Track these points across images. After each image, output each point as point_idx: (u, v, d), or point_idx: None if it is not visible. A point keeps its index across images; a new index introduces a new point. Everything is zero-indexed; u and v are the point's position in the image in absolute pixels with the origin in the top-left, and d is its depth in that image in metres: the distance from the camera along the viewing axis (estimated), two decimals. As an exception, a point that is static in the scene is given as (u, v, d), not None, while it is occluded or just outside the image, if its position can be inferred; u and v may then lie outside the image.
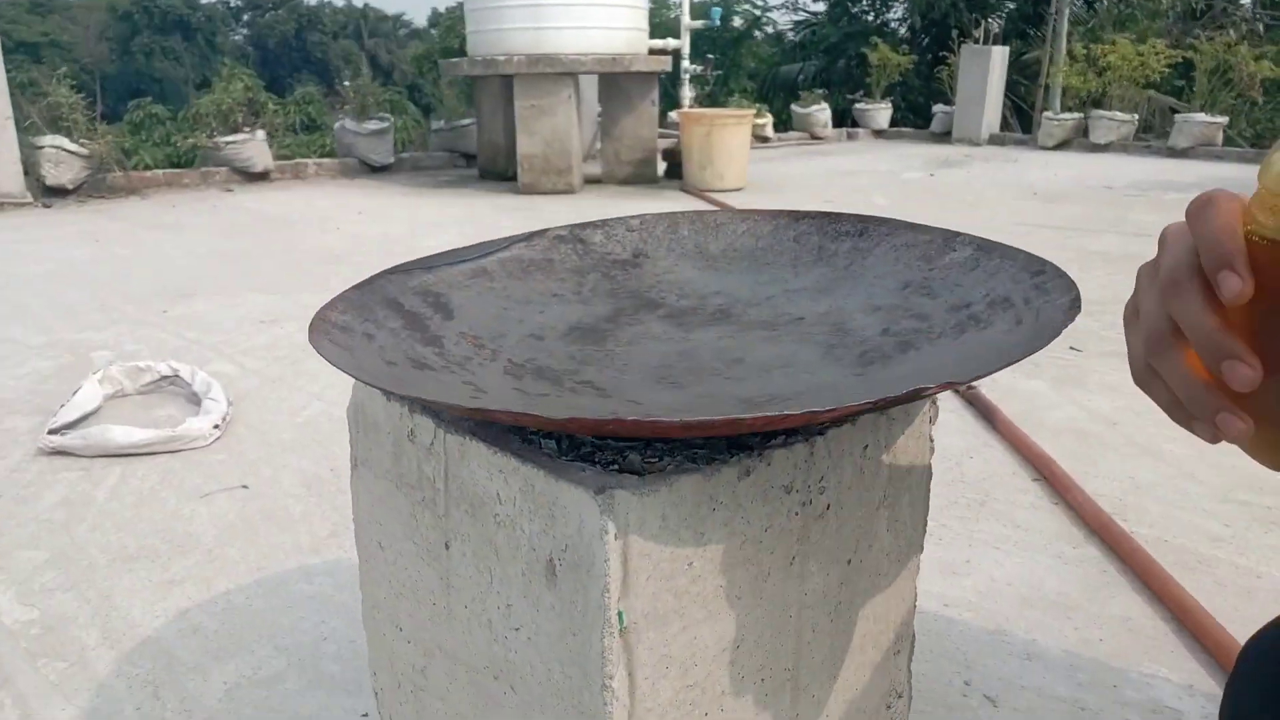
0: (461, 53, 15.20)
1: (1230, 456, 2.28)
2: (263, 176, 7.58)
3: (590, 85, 8.33)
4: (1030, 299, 0.87)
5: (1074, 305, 0.79)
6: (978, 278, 0.97)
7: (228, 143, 7.27)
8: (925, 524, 0.99)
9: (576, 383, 0.92)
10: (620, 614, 0.70)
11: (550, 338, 1.03)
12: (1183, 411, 0.46)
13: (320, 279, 4.13)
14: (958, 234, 1.05)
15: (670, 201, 6.57)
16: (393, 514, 0.93)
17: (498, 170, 7.79)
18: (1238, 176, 7.98)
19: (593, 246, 1.21)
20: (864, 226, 1.14)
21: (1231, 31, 11.32)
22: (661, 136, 8.04)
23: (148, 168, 8.48)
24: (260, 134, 7.50)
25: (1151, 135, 10.48)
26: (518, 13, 6.61)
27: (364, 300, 0.96)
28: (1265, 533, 1.94)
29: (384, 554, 0.96)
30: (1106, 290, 3.97)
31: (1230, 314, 0.42)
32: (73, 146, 6.55)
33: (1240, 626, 1.58)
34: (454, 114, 8.97)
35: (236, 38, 46.57)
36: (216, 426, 2.40)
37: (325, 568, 1.81)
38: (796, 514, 0.80)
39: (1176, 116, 9.53)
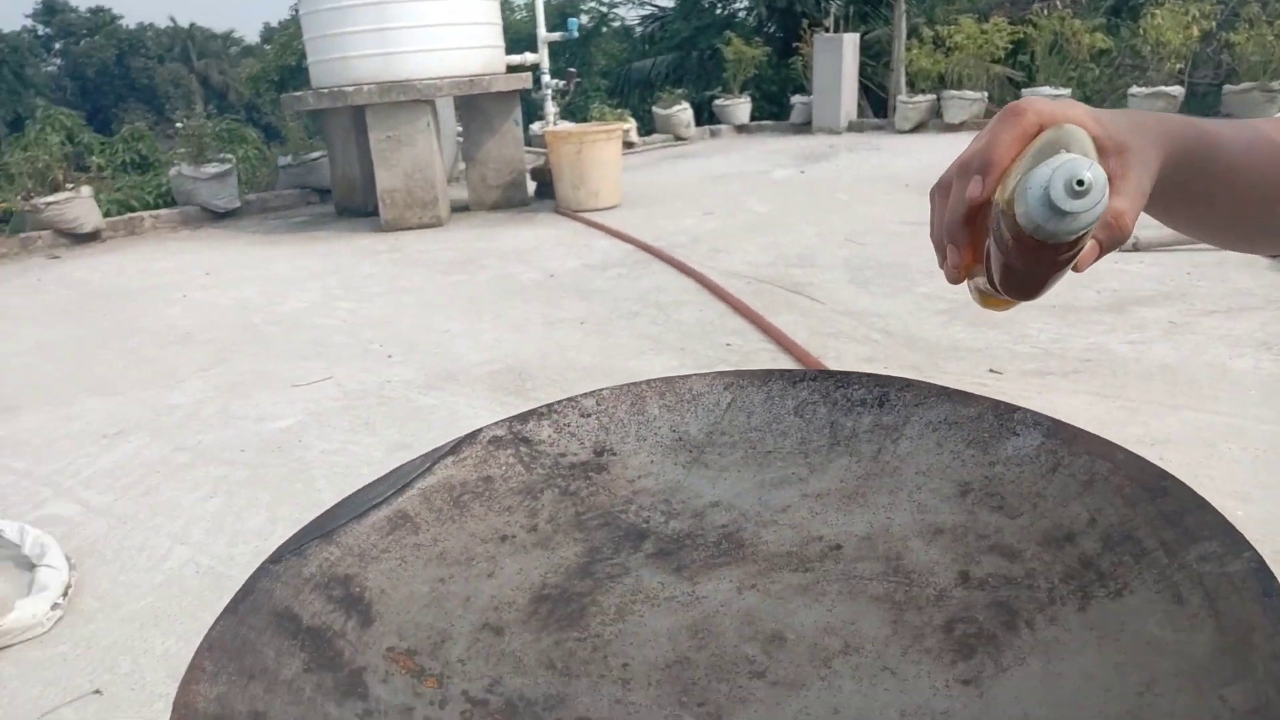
0: (300, 72, 14.38)
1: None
2: (93, 237, 6.85)
3: (446, 105, 7.93)
4: (1171, 546, 0.65)
5: (1267, 586, 0.58)
6: (1067, 488, 0.75)
7: (48, 204, 6.52)
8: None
9: (572, 728, 0.65)
10: None
11: (512, 625, 0.75)
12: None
13: (168, 369, 3.65)
14: (1013, 408, 0.83)
15: (547, 227, 6.27)
16: None
17: (355, 205, 7.31)
18: (1087, 148, 8.26)
19: (541, 449, 0.93)
20: (882, 392, 0.91)
21: (1059, 3, 11.81)
22: (528, 153, 7.72)
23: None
24: (86, 190, 6.78)
25: (998, 105, 10.81)
26: (364, 38, 6.16)
27: (243, 637, 0.66)
28: None
29: None
30: (1006, 293, 3.92)
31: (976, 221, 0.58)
32: None
33: None
34: (301, 147, 8.39)
35: (50, 68, 43.25)
36: (55, 605, 1.99)
37: (219, 800, 1.46)
38: None
39: (1024, 91, 9.84)
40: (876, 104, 12.67)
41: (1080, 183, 0.49)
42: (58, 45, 44.85)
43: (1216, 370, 2.96)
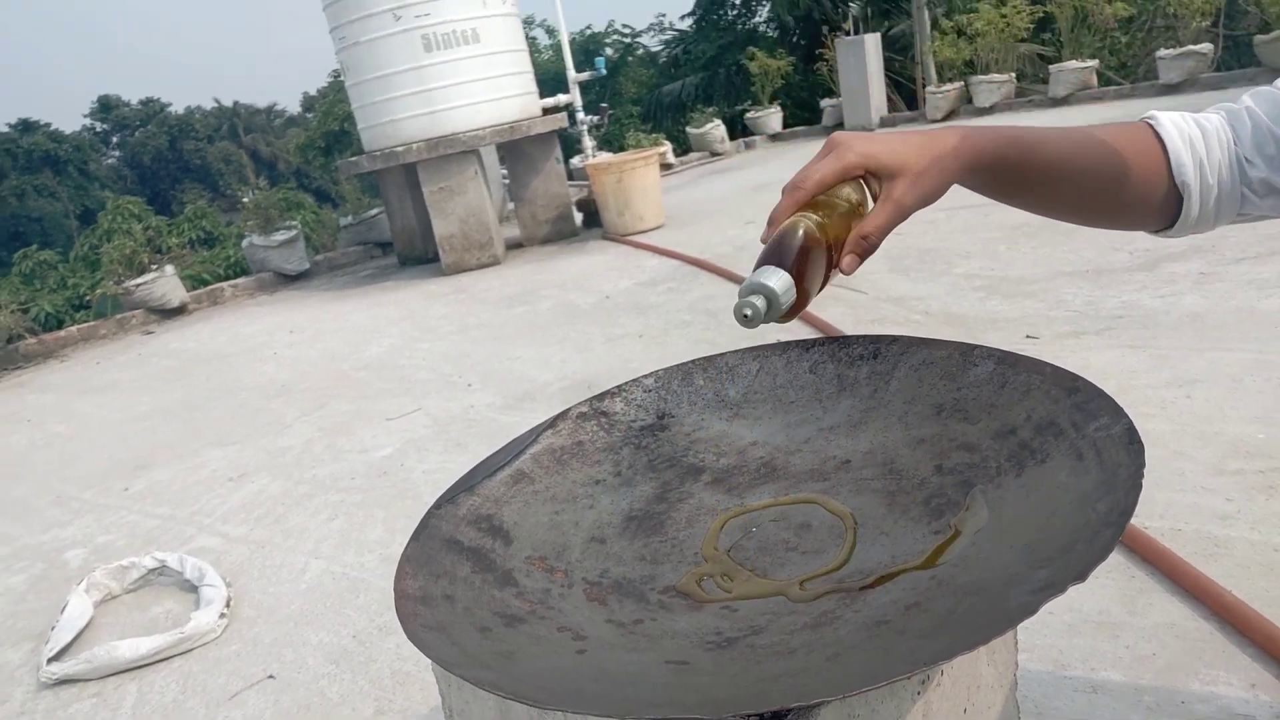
0: (344, 135, 14.94)
1: (1212, 425, 2.37)
2: (180, 310, 7.39)
3: (490, 151, 8.34)
4: (1079, 424, 0.90)
5: (1132, 437, 0.82)
6: (1010, 396, 1.00)
7: (138, 285, 7.08)
8: (1016, 638, 1.01)
9: (661, 594, 0.92)
10: None
11: (611, 538, 1.03)
12: None
13: (275, 418, 4.04)
14: (974, 347, 1.08)
15: (598, 254, 6.59)
16: (506, 765, 0.91)
17: (417, 254, 7.74)
18: (1119, 115, 8.34)
19: (616, 418, 1.21)
20: (875, 348, 1.17)
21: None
22: (571, 186, 8.08)
23: (51, 319, 8.24)
24: (169, 269, 7.32)
25: (1028, 84, 10.89)
26: (408, 101, 6.59)
27: (426, 552, 0.95)
28: (1267, 499, 2.02)
29: (501, 800, 0.95)
30: (1039, 267, 4.10)
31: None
32: (-24, 324, 6.31)
33: (1273, 608, 1.64)
34: (359, 206, 8.88)
35: (110, 161, 45.46)
36: (222, 615, 2.33)
37: (382, 754, 1.77)
38: (919, 694, 0.81)
39: (1051, 67, 9.92)
40: (907, 97, 12.81)
41: (746, 315, 0.82)
42: (115, 139, 47.19)
43: (1244, 313, 3.12)
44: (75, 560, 2.95)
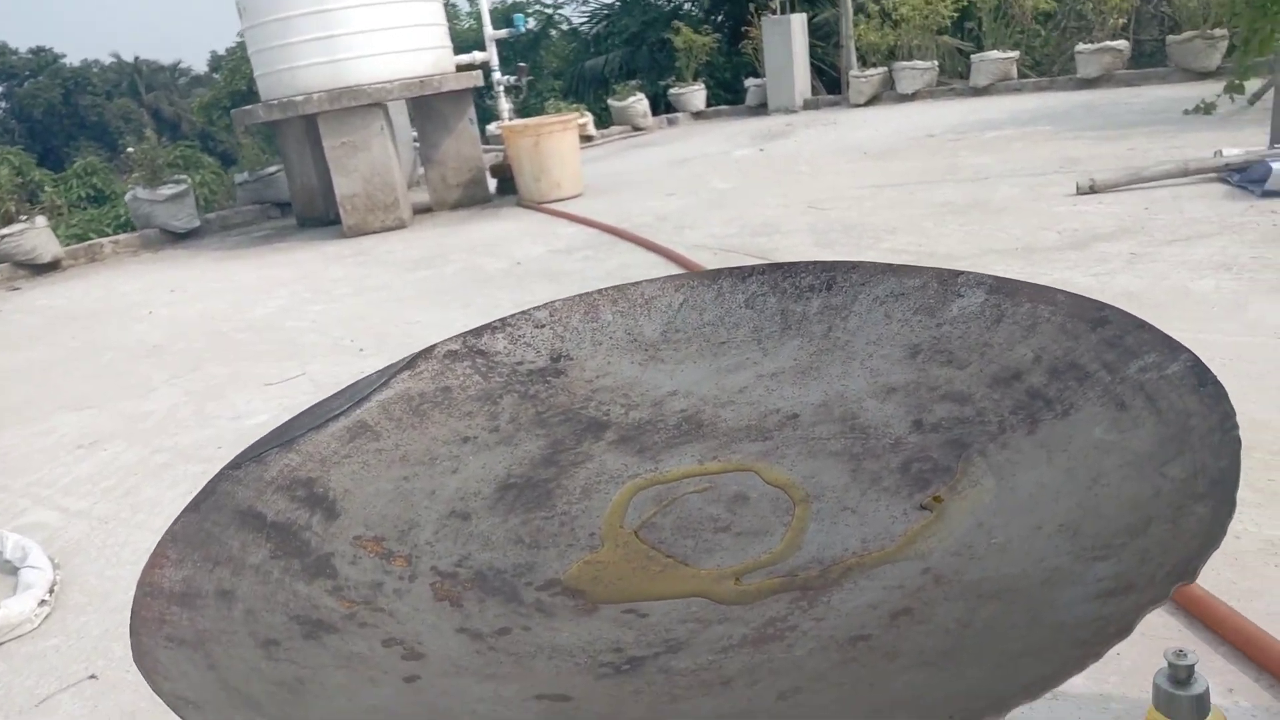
0: (252, 96, 14.24)
1: None
2: (53, 266, 6.76)
3: (400, 110, 7.88)
4: (1114, 365, 0.66)
5: (1202, 378, 0.59)
6: (1011, 333, 0.77)
7: (3, 236, 6.44)
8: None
9: (540, 591, 0.65)
10: None
11: (479, 512, 0.76)
12: None
13: (140, 380, 3.62)
14: (957, 273, 0.85)
15: (511, 220, 6.26)
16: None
17: (316, 215, 7.26)
18: (1038, 106, 8.37)
19: (497, 359, 0.94)
20: (829, 277, 0.92)
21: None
22: (486, 152, 7.70)
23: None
24: (41, 220, 6.69)
25: (949, 77, 10.91)
26: (309, 47, 6.12)
27: (206, 529, 0.66)
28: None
29: None
30: (968, 244, 3.96)
31: None
32: None
33: (1244, 602, 1.48)
34: (256, 163, 8.32)
35: (-5, 112, 42.61)
36: (42, 603, 1.98)
37: (214, 773, 1.46)
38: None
39: (973, 56, 9.94)
40: (830, 83, 12.73)
41: None
42: (0, 88, 44.19)
43: (1179, 292, 3.01)
44: (-120, 537, 2.52)
